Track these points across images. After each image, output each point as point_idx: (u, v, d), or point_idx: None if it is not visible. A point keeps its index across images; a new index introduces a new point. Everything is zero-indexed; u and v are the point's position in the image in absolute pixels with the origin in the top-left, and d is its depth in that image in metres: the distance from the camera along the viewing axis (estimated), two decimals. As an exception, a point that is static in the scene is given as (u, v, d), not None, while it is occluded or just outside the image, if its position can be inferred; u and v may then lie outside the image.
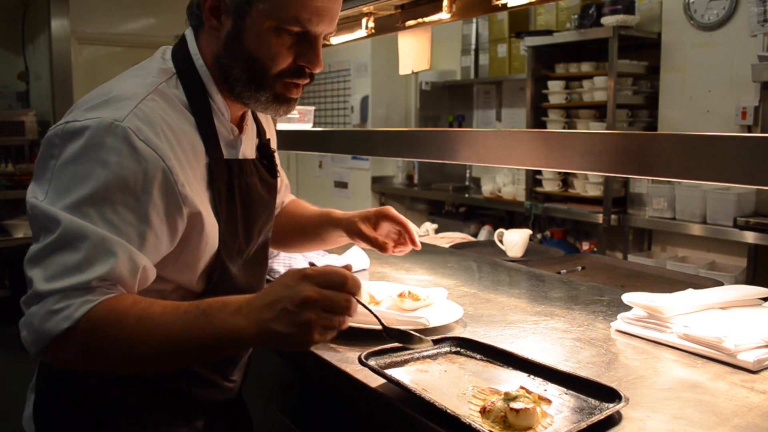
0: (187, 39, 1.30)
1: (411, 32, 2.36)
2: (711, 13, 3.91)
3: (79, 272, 1.04)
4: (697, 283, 2.08)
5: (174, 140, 1.16)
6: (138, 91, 1.17)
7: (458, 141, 1.73)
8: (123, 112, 1.12)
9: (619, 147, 1.32)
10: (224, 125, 1.29)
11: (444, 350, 1.34)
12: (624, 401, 1.07)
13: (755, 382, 1.22)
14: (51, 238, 1.05)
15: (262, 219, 1.42)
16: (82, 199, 1.07)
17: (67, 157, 1.10)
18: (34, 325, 1.05)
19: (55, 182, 1.10)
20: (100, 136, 1.09)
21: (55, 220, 1.06)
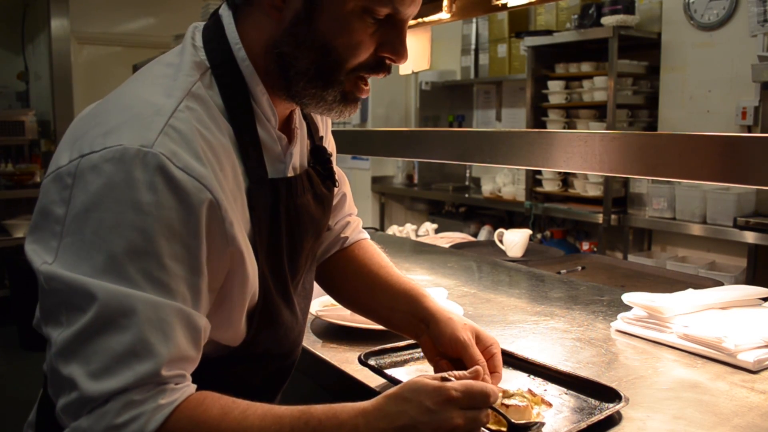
0: (223, 21, 1.01)
1: (411, 32, 2.35)
2: (711, 13, 3.91)
3: (138, 359, 0.79)
4: (697, 283, 2.08)
5: (215, 162, 0.91)
6: (167, 101, 0.91)
7: (458, 141, 1.73)
8: (151, 133, 0.86)
9: (620, 147, 1.32)
10: (270, 134, 1.03)
11: None
12: (624, 401, 1.07)
13: (755, 382, 1.22)
14: (86, 319, 0.80)
15: (310, 242, 1.17)
16: (116, 258, 0.81)
17: (85, 203, 0.83)
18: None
19: (71, 239, 0.84)
20: (127, 169, 0.83)
21: (87, 294, 0.80)
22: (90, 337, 0.79)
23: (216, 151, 0.92)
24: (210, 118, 0.94)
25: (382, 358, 1.28)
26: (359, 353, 1.26)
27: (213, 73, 0.98)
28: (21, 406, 1.29)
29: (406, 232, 3.25)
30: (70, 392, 0.79)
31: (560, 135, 1.44)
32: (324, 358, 1.36)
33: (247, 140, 0.98)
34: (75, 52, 6.15)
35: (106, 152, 0.84)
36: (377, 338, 1.42)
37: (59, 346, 0.81)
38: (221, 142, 0.94)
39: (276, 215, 1.04)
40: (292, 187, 1.07)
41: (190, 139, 0.88)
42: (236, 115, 0.98)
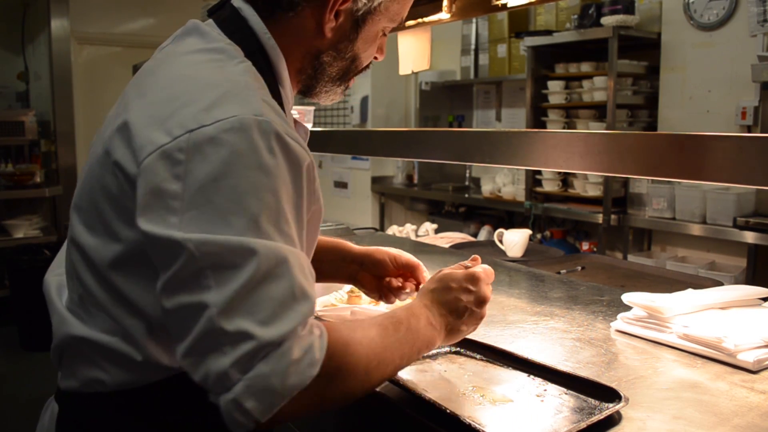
0: (245, 14, 1.09)
1: (411, 32, 2.36)
2: (711, 13, 3.91)
3: (297, 302, 0.87)
4: (697, 283, 2.08)
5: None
6: (244, 78, 0.98)
7: (458, 141, 1.73)
8: (256, 104, 0.92)
9: (620, 147, 1.32)
10: (290, 116, 1.14)
11: (444, 350, 1.34)
12: (624, 401, 1.07)
13: (755, 382, 1.22)
14: (246, 275, 0.84)
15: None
16: (255, 218, 0.87)
17: (210, 174, 0.86)
18: (274, 387, 0.83)
19: (198, 210, 0.86)
20: (249, 137, 0.88)
21: (246, 251, 0.85)
22: (252, 290, 0.84)
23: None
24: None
25: None
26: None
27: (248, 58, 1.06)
28: (21, 406, 1.29)
29: (406, 233, 3.25)
30: (242, 345, 0.83)
31: (560, 135, 1.44)
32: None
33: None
34: (75, 52, 6.15)
35: (221, 124, 0.88)
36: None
37: (221, 305, 0.83)
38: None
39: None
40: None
41: (278, 109, 0.97)
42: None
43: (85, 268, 1.00)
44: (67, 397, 1.05)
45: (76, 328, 1.01)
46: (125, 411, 1.01)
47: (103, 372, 1.00)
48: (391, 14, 1.15)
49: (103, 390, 1.00)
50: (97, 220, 0.98)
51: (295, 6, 1.08)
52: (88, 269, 1.00)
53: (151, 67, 1.06)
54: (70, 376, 1.04)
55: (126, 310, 0.97)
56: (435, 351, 1.33)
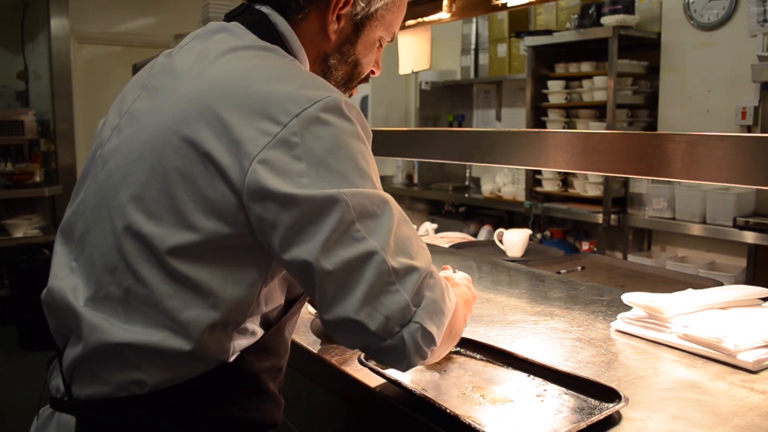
0: (276, 22, 1.15)
1: (411, 32, 2.36)
2: (711, 13, 3.91)
3: (419, 240, 1.00)
4: (697, 283, 2.08)
5: None
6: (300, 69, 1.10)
7: (458, 141, 1.73)
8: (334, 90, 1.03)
9: (620, 147, 1.32)
10: None
11: None
12: (624, 401, 1.07)
13: (755, 382, 1.22)
14: (389, 219, 0.95)
15: None
16: (371, 176, 0.99)
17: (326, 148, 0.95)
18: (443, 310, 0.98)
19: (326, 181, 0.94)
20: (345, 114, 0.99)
21: (381, 200, 0.96)
22: (397, 231, 0.95)
23: None
24: None
25: None
26: (359, 353, 1.26)
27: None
28: (21, 406, 1.29)
29: (405, 232, 3.24)
30: (409, 278, 0.94)
31: (560, 135, 1.44)
32: (324, 358, 1.36)
33: None
34: (75, 51, 6.14)
35: (320, 104, 0.96)
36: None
37: (385, 249, 0.93)
38: None
39: None
40: None
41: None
42: None
43: (142, 259, 0.98)
44: (91, 406, 1.02)
45: (114, 334, 0.98)
46: (162, 410, 1.01)
47: (142, 372, 0.98)
48: (386, 23, 1.22)
49: (139, 392, 0.99)
50: (168, 209, 0.97)
51: (302, 9, 1.14)
52: (147, 259, 0.98)
53: (187, 59, 1.09)
54: (98, 383, 1.01)
55: (191, 299, 0.97)
56: None
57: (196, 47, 1.11)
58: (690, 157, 1.20)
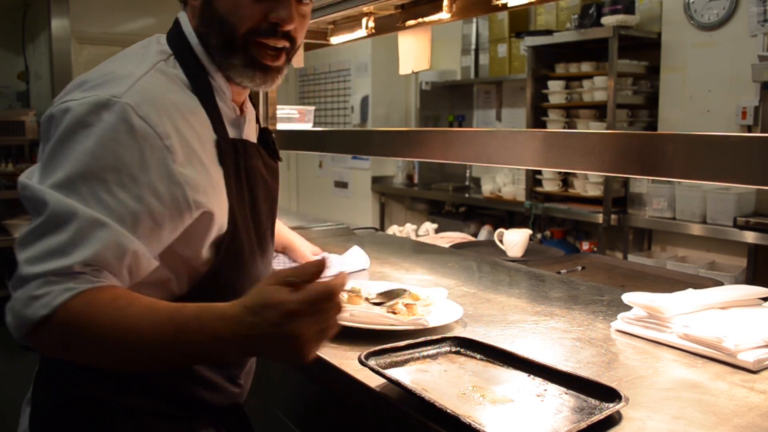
0: (180, 21, 1.27)
1: (411, 32, 2.36)
2: (711, 13, 3.91)
3: (62, 255, 0.99)
4: (697, 283, 2.08)
5: (178, 116, 1.12)
6: (138, 68, 1.14)
7: (458, 141, 1.73)
8: (122, 87, 1.08)
9: (620, 147, 1.32)
10: (227, 104, 1.26)
11: (444, 350, 1.34)
12: (624, 401, 1.07)
13: (755, 382, 1.22)
14: (40, 220, 1.01)
15: (267, 204, 1.37)
16: (72, 177, 1.02)
17: (61, 135, 1.05)
18: (16, 310, 0.99)
19: (47, 161, 1.06)
20: (97, 112, 1.05)
21: (43, 201, 1.01)
22: (40, 234, 1.01)
23: (180, 108, 1.13)
24: (174, 86, 1.17)
25: (382, 358, 1.27)
26: (359, 353, 1.26)
27: (176, 57, 1.22)
28: (20, 406, 1.29)
29: (406, 232, 3.25)
30: (17, 271, 1.00)
31: (560, 135, 1.44)
32: (324, 358, 1.36)
33: (210, 107, 1.21)
34: (75, 52, 6.14)
35: (82, 100, 1.07)
36: (376, 338, 1.42)
37: (20, 237, 1.04)
38: (187, 103, 1.16)
39: (238, 169, 1.25)
40: (247, 149, 1.29)
41: (154, 96, 1.10)
42: (198, 87, 1.21)
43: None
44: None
45: None
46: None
47: None
48: None
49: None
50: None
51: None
52: None
53: None
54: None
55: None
56: (435, 351, 1.33)
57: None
58: (690, 157, 1.20)
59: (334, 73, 6.59)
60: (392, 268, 2.18)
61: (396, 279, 2.00)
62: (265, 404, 1.80)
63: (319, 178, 6.91)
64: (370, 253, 2.18)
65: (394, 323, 1.46)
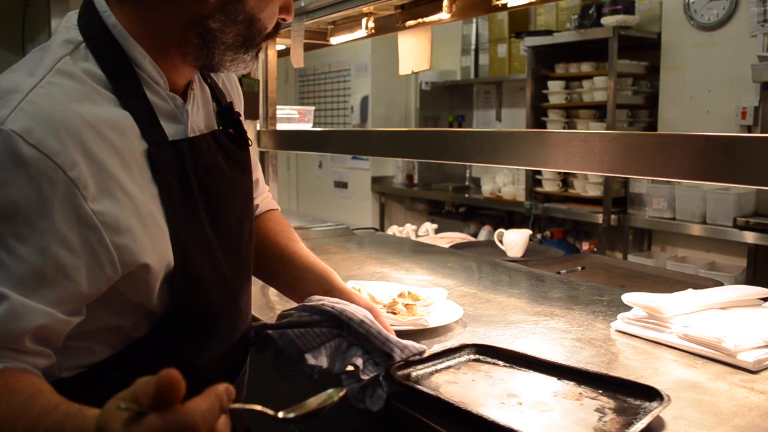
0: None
1: (411, 32, 2.36)
2: (711, 14, 3.91)
3: None
4: (697, 283, 2.08)
5: (87, 133, 0.89)
6: (27, 80, 0.90)
7: (458, 141, 1.73)
8: (5, 110, 0.85)
9: (619, 147, 1.31)
10: (160, 96, 1.04)
11: (464, 359, 1.28)
12: (667, 399, 1.06)
13: (755, 382, 1.22)
14: None
15: (237, 204, 1.18)
16: None
17: None
18: None
19: None
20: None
21: None
22: None
23: (91, 121, 0.90)
24: (82, 90, 0.93)
25: (406, 371, 1.19)
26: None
27: (87, 45, 0.98)
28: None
29: (406, 233, 3.25)
30: None
31: (560, 135, 1.44)
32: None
33: (137, 105, 0.99)
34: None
35: None
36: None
37: None
38: (97, 112, 0.92)
39: (185, 177, 1.04)
40: (196, 147, 1.08)
41: (49, 114, 0.87)
42: (118, 82, 0.98)
43: None
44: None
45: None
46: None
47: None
48: None
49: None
50: None
51: None
52: None
53: None
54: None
55: None
56: (456, 360, 1.27)
57: None
58: (689, 157, 1.20)
59: (334, 73, 6.59)
60: (392, 268, 2.18)
61: (396, 279, 2.00)
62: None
63: (318, 179, 6.91)
64: (369, 253, 2.18)
65: (394, 323, 1.46)
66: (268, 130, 2.58)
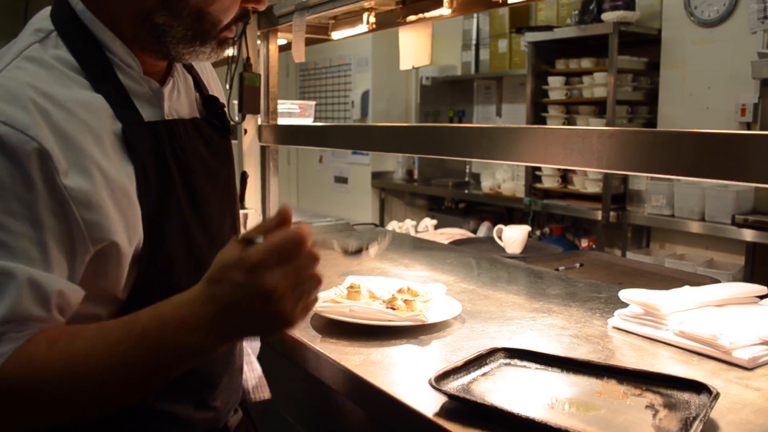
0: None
1: (412, 27, 2.36)
2: (711, 10, 3.91)
3: None
4: (695, 281, 2.09)
5: (56, 109, 0.91)
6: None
7: (457, 136, 1.73)
8: None
9: (617, 144, 1.32)
10: (134, 79, 1.04)
11: (497, 363, 1.26)
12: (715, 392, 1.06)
13: (749, 379, 1.23)
14: None
15: (218, 192, 1.18)
16: None
17: None
18: None
19: None
20: None
21: None
22: None
23: (60, 99, 0.92)
24: (50, 75, 0.94)
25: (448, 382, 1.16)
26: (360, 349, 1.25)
27: (58, 33, 0.99)
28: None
29: (405, 228, 3.26)
30: None
31: (558, 131, 1.44)
32: (322, 352, 1.37)
33: (109, 88, 1.00)
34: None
35: None
36: (375, 333, 1.43)
37: None
38: (69, 94, 0.94)
39: (162, 158, 1.04)
40: (173, 130, 1.08)
41: (16, 92, 0.89)
42: (89, 65, 0.99)
43: None
44: None
45: None
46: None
47: None
48: None
49: None
50: None
51: None
52: None
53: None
54: None
55: None
56: (490, 366, 1.23)
57: None
58: (687, 154, 1.20)
59: (334, 68, 6.59)
60: (392, 264, 2.18)
61: (395, 275, 2.01)
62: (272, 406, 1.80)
63: (319, 174, 6.91)
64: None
65: (393, 319, 1.47)
66: (269, 124, 2.59)
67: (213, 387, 1.17)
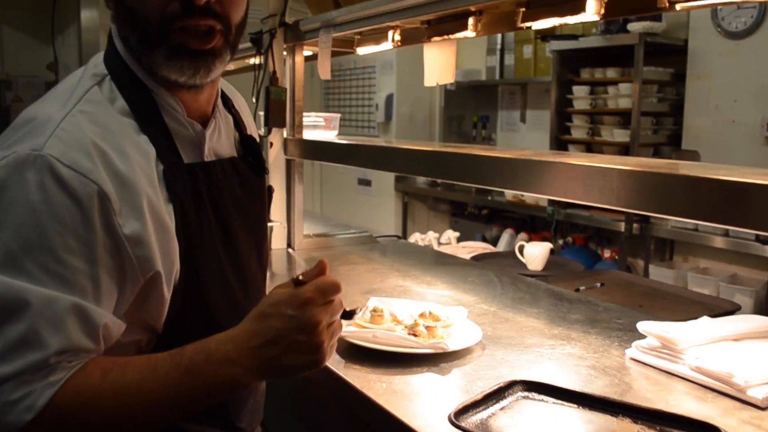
0: (112, 33, 1.13)
1: (436, 45, 2.39)
2: (739, 21, 3.88)
3: (30, 348, 0.88)
4: (715, 304, 2.11)
5: (112, 153, 0.99)
6: (60, 110, 1.01)
7: (479, 165, 1.76)
8: (42, 138, 0.96)
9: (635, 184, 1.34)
10: (178, 121, 1.13)
11: (515, 397, 1.30)
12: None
13: (763, 420, 1.24)
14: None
15: (247, 231, 1.26)
16: (12, 253, 0.90)
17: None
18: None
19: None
20: (19, 173, 0.93)
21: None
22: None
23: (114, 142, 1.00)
24: (109, 120, 1.03)
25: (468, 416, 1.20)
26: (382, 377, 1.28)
27: (111, 78, 1.09)
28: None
29: (428, 240, 3.29)
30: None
31: (579, 168, 1.47)
32: (347, 380, 1.41)
33: (154, 130, 1.08)
34: (104, 43, 6.22)
35: (2, 162, 0.95)
36: (397, 360, 1.47)
37: None
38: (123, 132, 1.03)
39: (199, 198, 1.13)
40: (210, 172, 1.17)
41: (80, 138, 0.97)
42: (138, 109, 1.07)
43: None
44: None
45: None
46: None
47: None
48: None
49: None
50: None
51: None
52: None
53: None
54: None
55: None
56: (508, 400, 1.28)
57: None
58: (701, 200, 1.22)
59: (359, 70, 6.62)
60: (414, 281, 2.22)
61: (417, 294, 2.05)
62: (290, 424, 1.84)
63: (342, 176, 6.96)
64: (392, 264, 2.22)
65: (414, 346, 1.51)
66: (294, 138, 2.64)
67: (240, 409, 1.26)
